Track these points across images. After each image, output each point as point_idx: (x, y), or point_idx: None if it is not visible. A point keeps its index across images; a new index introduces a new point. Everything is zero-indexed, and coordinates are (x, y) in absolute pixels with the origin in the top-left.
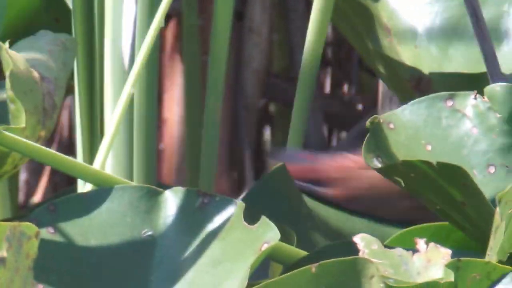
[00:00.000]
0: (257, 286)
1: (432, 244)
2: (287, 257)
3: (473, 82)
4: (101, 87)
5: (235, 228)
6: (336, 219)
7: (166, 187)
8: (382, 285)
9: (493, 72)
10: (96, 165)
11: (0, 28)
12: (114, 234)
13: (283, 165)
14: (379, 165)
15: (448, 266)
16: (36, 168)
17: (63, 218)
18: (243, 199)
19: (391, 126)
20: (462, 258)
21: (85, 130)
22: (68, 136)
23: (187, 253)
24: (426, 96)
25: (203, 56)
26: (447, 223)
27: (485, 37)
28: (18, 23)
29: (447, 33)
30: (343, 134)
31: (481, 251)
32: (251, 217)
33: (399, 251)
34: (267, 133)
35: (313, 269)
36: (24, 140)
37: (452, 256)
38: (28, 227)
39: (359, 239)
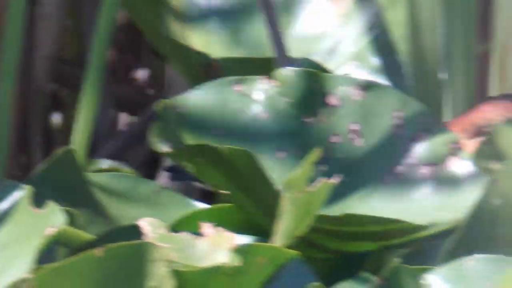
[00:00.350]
0: (42, 271)
1: (217, 228)
2: (74, 241)
3: (263, 67)
4: None
5: (22, 213)
6: (120, 204)
7: None
8: (167, 269)
9: (281, 57)
10: None
11: None
12: None
13: (69, 149)
14: (168, 150)
15: (234, 250)
16: None
17: None
18: (30, 184)
19: (180, 110)
20: (247, 243)
21: None
22: None
23: None
24: (214, 81)
25: None
26: (231, 205)
27: (274, 22)
28: None
29: (237, 19)
30: (133, 119)
31: (268, 235)
32: (38, 201)
33: (184, 235)
34: (57, 118)
35: (99, 253)
36: None
37: (238, 240)
38: None
39: (145, 223)
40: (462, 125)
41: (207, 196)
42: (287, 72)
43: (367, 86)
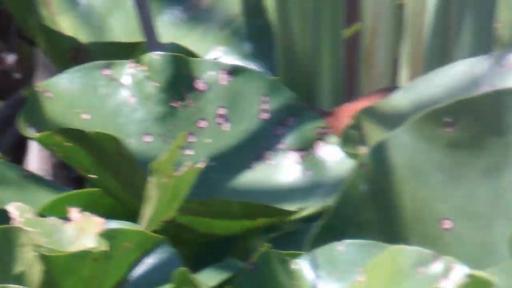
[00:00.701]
0: None
1: (85, 213)
2: None
3: (132, 52)
4: None
5: None
6: None
7: None
8: (35, 253)
9: (151, 41)
10: None
11: None
12: None
13: None
14: (36, 134)
15: (101, 235)
16: None
17: None
18: None
19: (49, 95)
20: (114, 227)
21: None
22: None
23: None
24: (82, 65)
25: None
26: (99, 190)
27: (143, 6)
28: None
29: (107, 3)
30: (1, 103)
31: (136, 220)
32: None
33: (52, 219)
34: None
35: None
36: None
37: (106, 225)
38: None
39: (13, 208)
40: (349, 113)
41: (75, 181)
42: (155, 56)
43: (234, 71)
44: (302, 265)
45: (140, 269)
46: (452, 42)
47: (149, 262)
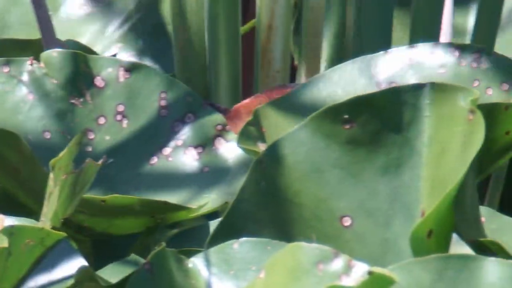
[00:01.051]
0: None
1: None
2: None
3: (31, 49)
4: None
5: None
6: None
7: None
8: None
9: (48, 38)
10: None
11: None
12: None
13: None
14: None
15: (1, 232)
16: None
17: None
18: None
19: None
20: (15, 224)
21: None
22: None
23: None
24: None
25: None
26: None
27: (40, 2)
28: None
29: (4, 0)
30: None
31: (36, 217)
32: None
33: None
34: None
35: None
36: None
37: (6, 222)
38: None
39: None
40: (247, 109)
41: None
42: (53, 54)
43: (132, 68)
44: (198, 263)
45: (41, 266)
46: (350, 38)
47: (50, 259)
